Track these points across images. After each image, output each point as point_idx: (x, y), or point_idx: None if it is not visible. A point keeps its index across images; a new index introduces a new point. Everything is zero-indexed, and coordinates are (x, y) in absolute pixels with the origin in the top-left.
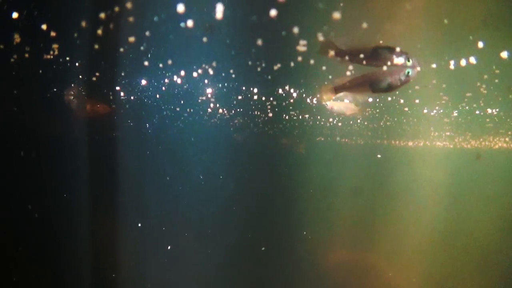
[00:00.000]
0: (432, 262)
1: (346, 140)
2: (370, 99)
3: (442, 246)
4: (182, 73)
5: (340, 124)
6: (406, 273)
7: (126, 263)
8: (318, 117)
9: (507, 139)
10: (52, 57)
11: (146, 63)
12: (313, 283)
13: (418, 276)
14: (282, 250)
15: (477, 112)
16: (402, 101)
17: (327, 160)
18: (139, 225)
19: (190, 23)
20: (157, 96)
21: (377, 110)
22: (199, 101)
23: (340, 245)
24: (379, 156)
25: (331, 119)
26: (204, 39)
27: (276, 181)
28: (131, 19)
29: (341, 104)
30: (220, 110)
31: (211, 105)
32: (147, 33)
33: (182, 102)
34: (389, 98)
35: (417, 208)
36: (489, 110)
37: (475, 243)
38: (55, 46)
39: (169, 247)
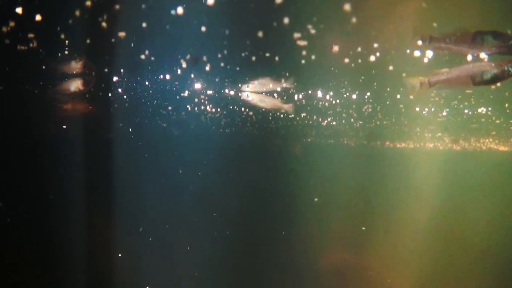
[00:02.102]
0: (422, 264)
1: (332, 140)
2: (354, 96)
3: (433, 247)
4: (176, 70)
5: (334, 123)
6: (400, 275)
7: (118, 263)
8: (314, 116)
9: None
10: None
11: (131, 60)
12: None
13: (411, 279)
14: (271, 249)
15: (466, 111)
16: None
17: (317, 161)
18: (128, 225)
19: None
20: (144, 94)
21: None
22: (191, 99)
23: (330, 246)
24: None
25: (321, 119)
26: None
27: (267, 180)
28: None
29: (267, 99)
30: (212, 109)
31: (201, 103)
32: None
33: (170, 100)
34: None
35: (407, 210)
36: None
37: (467, 244)
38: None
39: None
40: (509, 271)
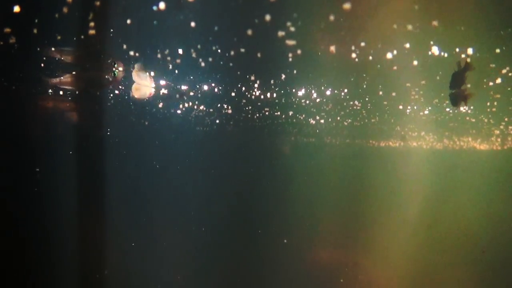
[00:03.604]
0: (407, 261)
1: (313, 139)
2: (302, 92)
3: (418, 244)
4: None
5: (322, 121)
6: (382, 274)
7: (110, 262)
8: (303, 116)
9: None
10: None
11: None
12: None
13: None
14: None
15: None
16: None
17: (303, 160)
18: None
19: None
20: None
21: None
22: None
23: (319, 243)
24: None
25: (304, 117)
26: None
27: (257, 179)
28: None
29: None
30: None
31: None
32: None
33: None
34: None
35: (391, 207)
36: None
37: (452, 241)
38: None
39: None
40: (490, 267)
